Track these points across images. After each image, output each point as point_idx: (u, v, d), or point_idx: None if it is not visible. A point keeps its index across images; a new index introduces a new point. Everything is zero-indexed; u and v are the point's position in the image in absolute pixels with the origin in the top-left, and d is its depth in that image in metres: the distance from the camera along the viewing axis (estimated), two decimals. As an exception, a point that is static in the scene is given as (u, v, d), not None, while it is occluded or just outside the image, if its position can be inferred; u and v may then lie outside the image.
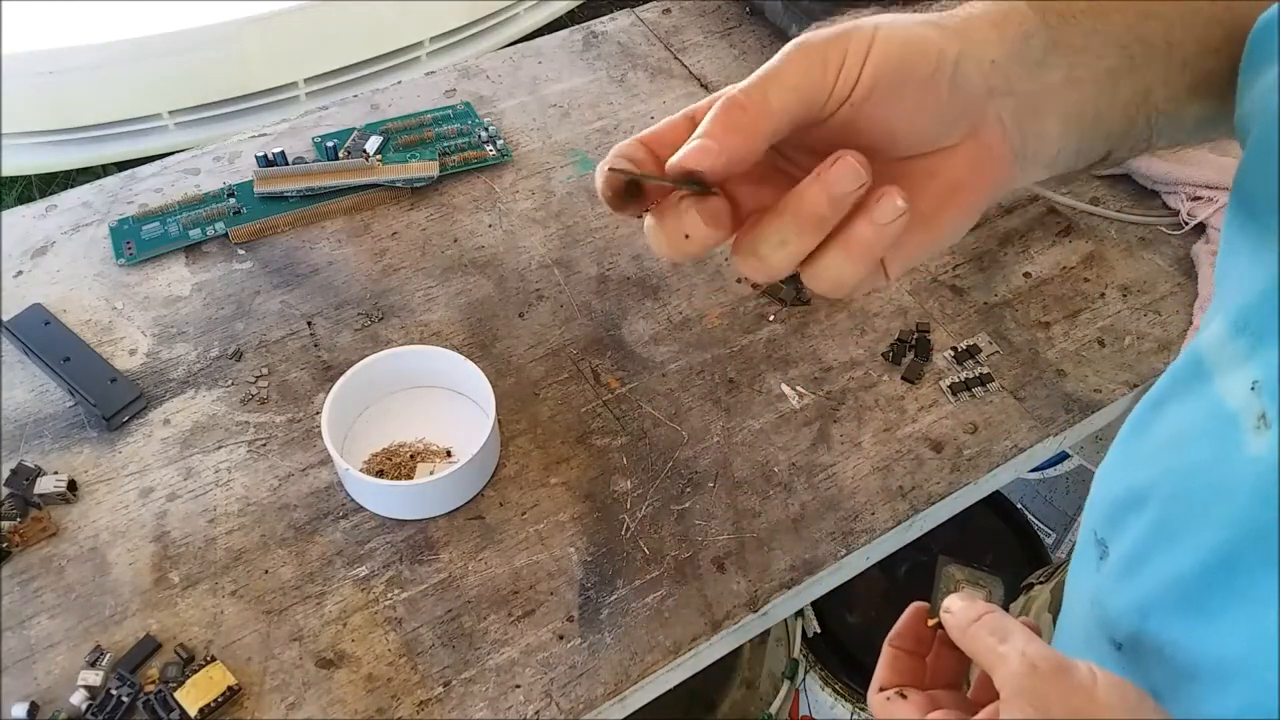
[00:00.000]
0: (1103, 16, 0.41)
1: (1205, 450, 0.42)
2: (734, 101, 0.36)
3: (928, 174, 0.40)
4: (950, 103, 0.39)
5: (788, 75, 0.36)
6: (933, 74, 0.38)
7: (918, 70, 0.37)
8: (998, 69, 0.39)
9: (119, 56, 1.55)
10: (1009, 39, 0.40)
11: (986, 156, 0.40)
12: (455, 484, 0.71)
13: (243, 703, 0.63)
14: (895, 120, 0.38)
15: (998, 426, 0.78)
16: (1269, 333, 0.39)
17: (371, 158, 0.91)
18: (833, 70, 0.36)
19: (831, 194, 0.36)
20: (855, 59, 0.36)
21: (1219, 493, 0.41)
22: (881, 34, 0.37)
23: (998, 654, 0.40)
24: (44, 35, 1.53)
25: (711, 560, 0.71)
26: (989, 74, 0.39)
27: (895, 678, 0.47)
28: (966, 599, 0.44)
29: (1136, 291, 0.87)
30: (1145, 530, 0.45)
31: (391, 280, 0.86)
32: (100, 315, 0.82)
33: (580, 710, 0.64)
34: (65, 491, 0.70)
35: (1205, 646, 0.41)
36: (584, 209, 0.92)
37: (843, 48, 0.36)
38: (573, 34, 1.08)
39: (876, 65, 0.37)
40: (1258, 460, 0.38)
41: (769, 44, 1.08)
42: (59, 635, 0.65)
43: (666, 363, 0.81)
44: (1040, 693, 0.38)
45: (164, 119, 1.63)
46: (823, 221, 0.37)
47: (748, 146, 0.36)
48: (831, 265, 0.37)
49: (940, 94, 0.38)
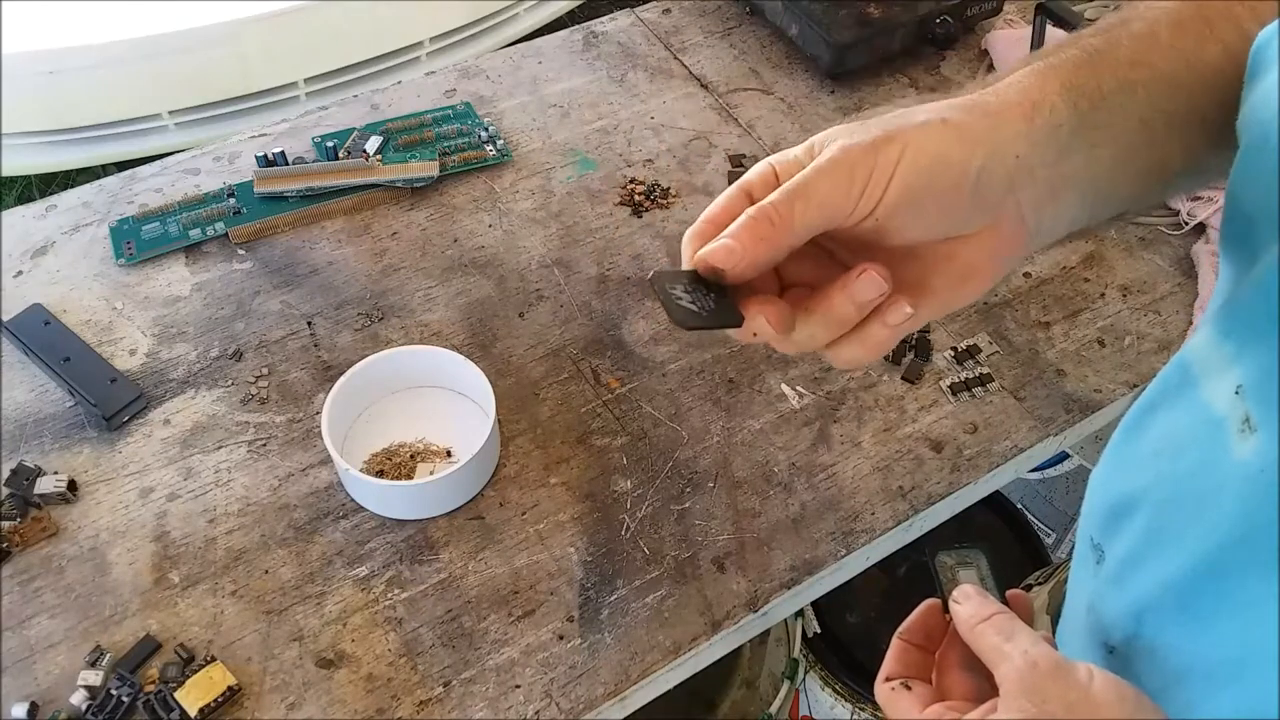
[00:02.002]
0: (1130, 91, 0.43)
1: (1193, 455, 0.43)
2: (764, 214, 0.39)
3: (946, 258, 0.43)
4: (971, 207, 0.41)
5: (815, 193, 0.39)
6: (955, 185, 0.40)
7: (940, 184, 0.40)
8: (1021, 164, 0.41)
9: (119, 56, 1.55)
10: (1037, 131, 0.41)
11: (1003, 241, 0.43)
12: (455, 484, 0.71)
13: (243, 703, 0.63)
14: (919, 226, 0.41)
15: (998, 426, 0.78)
16: (1252, 337, 0.39)
17: (371, 158, 0.91)
18: (858, 190, 0.39)
19: (856, 302, 0.41)
20: (881, 178, 0.39)
21: (1207, 497, 0.41)
22: (910, 151, 0.39)
23: (1001, 651, 0.41)
24: (44, 35, 1.53)
25: (711, 560, 0.71)
26: (1012, 170, 0.41)
27: (902, 670, 0.48)
28: (978, 596, 0.45)
29: (1136, 291, 0.87)
30: (1138, 535, 0.46)
31: (391, 280, 0.86)
32: (100, 315, 0.82)
33: (580, 710, 0.64)
34: (65, 491, 0.70)
35: (1197, 650, 0.41)
36: (584, 209, 0.92)
37: (870, 167, 0.39)
38: (573, 34, 1.08)
39: (900, 185, 0.39)
40: (1243, 464, 0.39)
41: (769, 44, 1.08)
42: (59, 635, 0.65)
43: (666, 363, 0.81)
44: (1039, 689, 0.39)
45: (164, 119, 1.63)
46: (847, 322, 0.42)
47: (769, 256, 0.40)
48: (849, 352, 0.43)
49: (962, 201, 0.41)
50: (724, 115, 1.00)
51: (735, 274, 0.40)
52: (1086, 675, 0.40)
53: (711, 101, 1.02)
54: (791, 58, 1.07)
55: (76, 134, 1.62)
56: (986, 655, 0.43)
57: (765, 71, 1.05)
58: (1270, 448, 0.37)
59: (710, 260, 0.40)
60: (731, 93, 1.03)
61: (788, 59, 1.06)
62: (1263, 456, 0.38)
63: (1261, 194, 0.39)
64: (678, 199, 0.92)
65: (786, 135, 0.99)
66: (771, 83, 1.04)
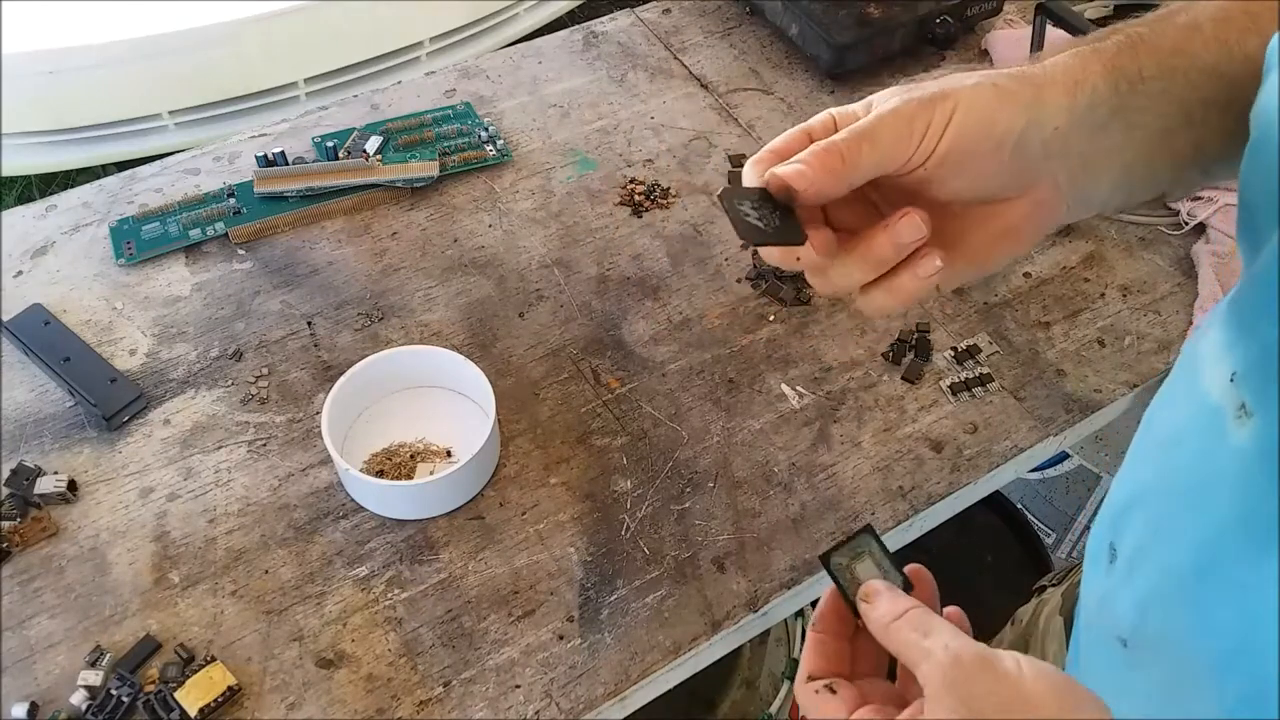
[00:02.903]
0: (1170, 77, 0.45)
1: (1193, 445, 0.43)
2: (835, 149, 0.42)
3: (985, 218, 0.46)
4: (1010, 168, 0.44)
5: (879, 137, 0.42)
6: (997, 146, 0.43)
7: (984, 143, 0.43)
8: (1058, 135, 0.44)
9: (119, 56, 1.55)
10: (1078, 108, 0.44)
11: (1039, 206, 0.46)
12: (455, 484, 0.71)
13: (243, 703, 0.63)
14: (960, 181, 0.44)
15: (998, 426, 0.78)
16: (1248, 325, 0.40)
17: (371, 158, 0.91)
18: (915, 139, 0.42)
19: (896, 243, 0.43)
20: (935, 131, 0.42)
21: (1206, 486, 0.41)
22: (960, 108, 0.42)
23: (921, 649, 0.40)
24: (44, 35, 1.53)
25: (711, 560, 0.71)
26: (1049, 140, 0.44)
27: (823, 665, 0.46)
28: (887, 592, 0.43)
29: (1136, 291, 0.87)
30: (1143, 528, 0.46)
31: (391, 280, 0.86)
32: (100, 315, 0.82)
33: (580, 710, 0.64)
34: (65, 491, 0.70)
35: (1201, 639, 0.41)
36: (584, 209, 0.92)
37: (926, 119, 0.42)
38: (573, 34, 1.08)
39: (950, 140, 0.42)
40: (1240, 450, 0.39)
41: (769, 44, 1.08)
42: (59, 635, 0.65)
43: (666, 363, 0.81)
44: (966, 685, 0.38)
45: (164, 119, 1.63)
46: (884, 263, 0.44)
47: (833, 188, 0.42)
48: (879, 299, 0.45)
49: (1002, 161, 0.43)
50: (724, 115, 1.00)
51: (804, 197, 0.42)
52: (1015, 666, 0.38)
53: (711, 101, 1.02)
54: (791, 58, 1.07)
55: (76, 134, 1.62)
56: (905, 654, 0.41)
57: (765, 71, 1.05)
58: (1265, 433, 0.38)
59: (785, 178, 0.42)
60: (731, 93, 1.03)
61: (788, 59, 1.06)
62: (1258, 442, 0.38)
63: (1263, 187, 0.39)
64: (678, 199, 0.92)
65: (786, 135, 0.99)
66: (771, 83, 1.04)
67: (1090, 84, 0.44)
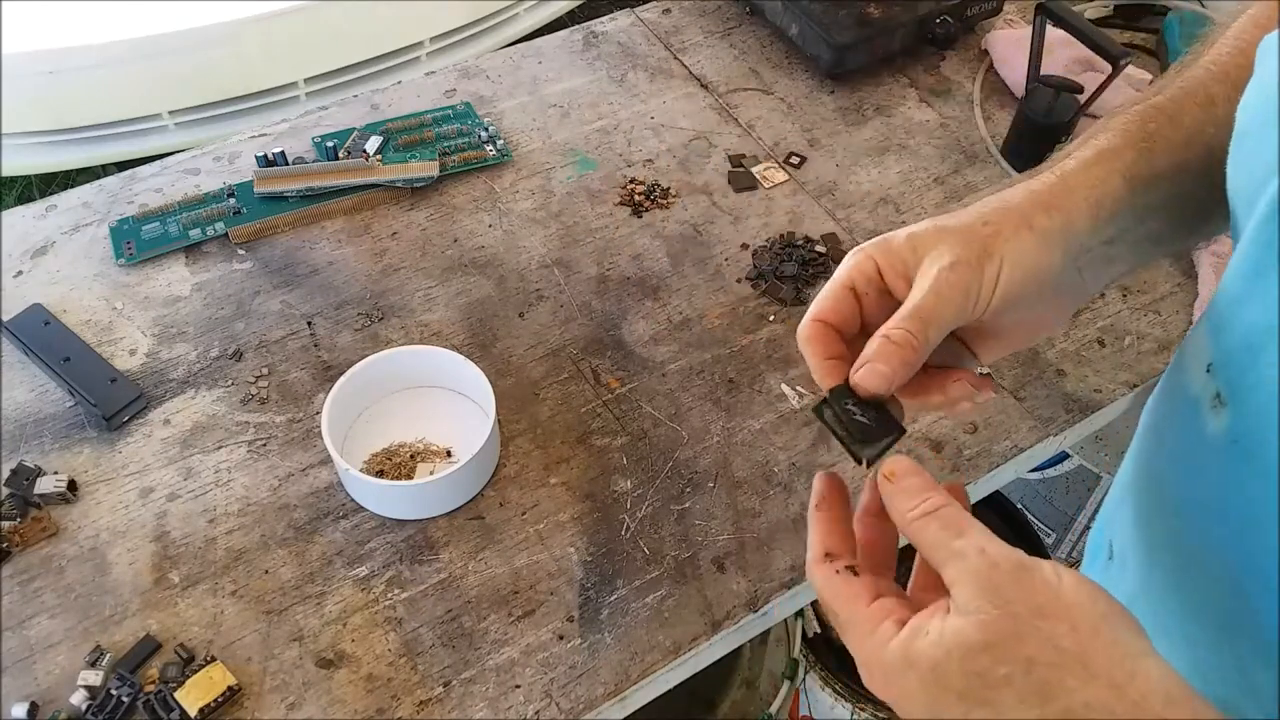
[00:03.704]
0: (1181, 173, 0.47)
1: (1174, 436, 0.44)
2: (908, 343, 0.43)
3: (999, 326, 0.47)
4: (1054, 300, 0.46)
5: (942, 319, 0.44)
6: (1041, 288, 0.45)
7: (1031, 289, 0.44)
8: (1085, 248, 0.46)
9: (119, 56, 1.55)
10: (1100, 224, 0.46)
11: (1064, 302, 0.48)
12: (455, 484, 0.71)
13: (243, 703, 0.63)
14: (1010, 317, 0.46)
15: (998, 426, 0.78)
16: (1224, 316, 0.40)
17: (371, 158, 0.91)
18: (969, 306, 0.44)
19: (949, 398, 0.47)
20: (986, 294, 0.44)
21: (1186, 475, 0.42)
22: (1006, 265, 0.44)
23: (951, 549, 0.37)
24: (44, 35, 1.53)
25: (711, 560, 0.71)
26: (1078, 256, 0.46)
27: (838, 545, 0.42)
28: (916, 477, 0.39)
29: (1136, 291, 0.87)
30: (1131, 522, 0.47)
31: (391, 280, 0.86)
32: (100, 315, 0.82)
33: (580, 710, 0.64)
34: (65, 491, 0.70)
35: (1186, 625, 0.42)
36: (584, 209, 0.92)
37: (978, 285, 0.44)
38: (573, 34, 1.08)
39: (1000, 297, 0.44)
40: (1215, 438, 0.40)
41: (769, 44, 1.08)
42: (59, 635, 0.65)
43: (666, 363, 0.81)
44: (1001, 588, 0.35)
45: (164, 119, 1.63)
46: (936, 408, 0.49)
47: (908, 374, 0.43)
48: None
49: (1047, 296, 0.45)
50: (724, 115, 1.00)
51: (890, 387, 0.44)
52: (1054, 574, 0.36)
53: (711, 101, 1.02)
54: (791, 58, 1.07)
55: (76, 134, 1.62)
56: (932, 553, 0.38)
57: (765, 71, 1.05)
58: (1237, 421, 0.38)
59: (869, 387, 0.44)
60: (731, 93, 1.03)
61: (788, 59, 1.06)
62: (1232, 429, 0.38)
63: (1243, 179, 0.40)
64: (678, 199, 0.92)
65: (786, 135, 0.99)
66: (771, 83, 1.04)
67: (1111, 197, 0.46)
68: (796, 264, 0.86)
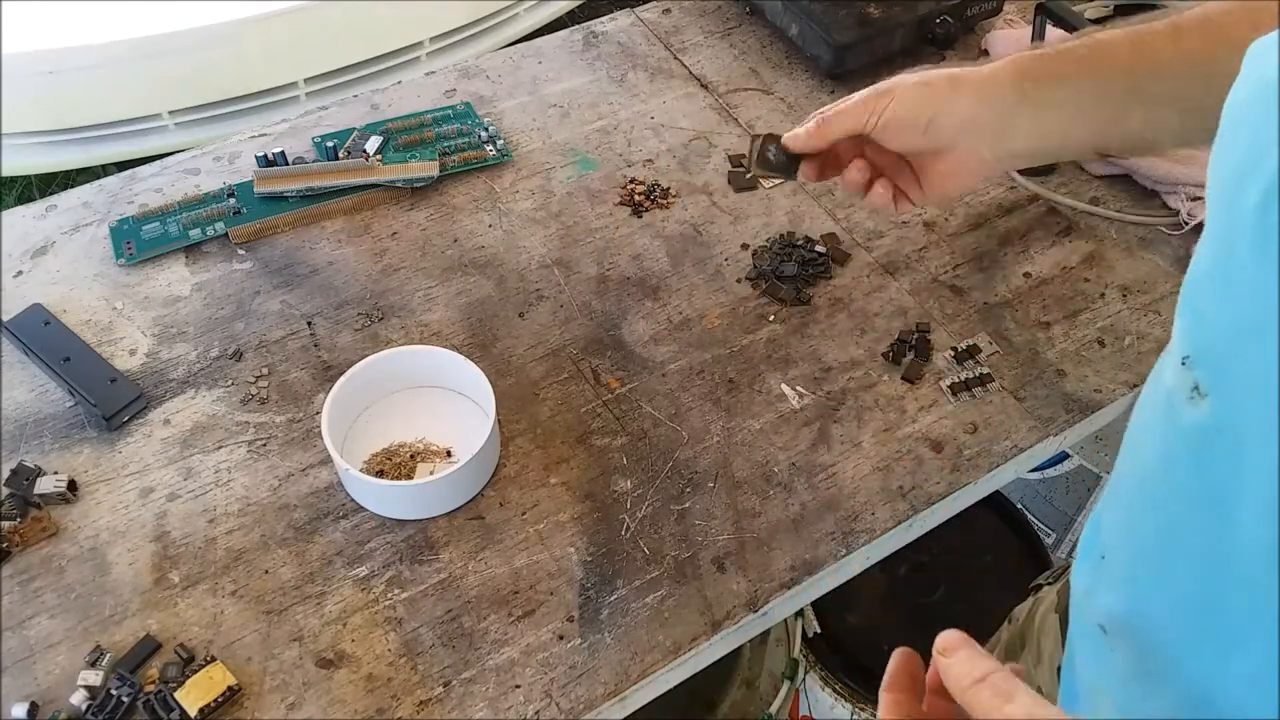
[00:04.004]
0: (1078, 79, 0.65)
1: (1154, 430, 0.45)
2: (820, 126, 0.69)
3: (929, 164, 0.71)
4: (926, 140, 0.68)
5: (849, 115, 0.68)
6: (913, 126, 0.67)
7: (907, 123, 0.67)
8: (967, 119, 0.67)
9: (119, 56, 1.55)
10: (985, 99, 0.66)
11: (966, 160, 0.69)
12: (455, 484, 0.71)
13: (243, 703, 0.63)
14: (897, 143, 0.69)
15: (998, 426, 0.78)
16: (1198, 309, 0.41)
17: (371, 158, 0.91)
18: (868, 116, 0.68)
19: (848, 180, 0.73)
20: (878, 113, 0.67)
21: (1165, 467, 0.43)
22: (894, 101, 0.67)
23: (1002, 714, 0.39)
24: (44, 35, 1.53)
25: (711, 560, 0.71)
26: (960, 123, 0.67)
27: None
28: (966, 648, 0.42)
29: (1136, 291, 0.87)
30: (1116, 518, 0.48)
31: (391, 280, 0.86)
32: (100, 315, 0.82)
33: (580, 710, 0.64)
34: (65, 491, 0.70)
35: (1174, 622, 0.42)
36: (584, 209, 0.92)
37: (875, 105, 0.67)
38: (573, 34, 1.08)
39: (886, 119, 0.67)
40: (1192, 429, 0.40)
41: (769, 44, 1.08)
42: (59, 635, 0.65)
43: (666, 363, 0.81)
44: None
45: (164, 119, 1.64)
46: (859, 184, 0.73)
47: (821, 143, 0.70)
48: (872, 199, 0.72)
49: (919, 135, 0.68)
50: (724, 115, 1.01)
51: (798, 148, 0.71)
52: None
53: (711, 101, 1.02)
54: (791, 58, 1.07)
55: (76, 134, 1.62)
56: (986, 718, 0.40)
57: (765, 71, 1.05)
58: (1219, 412, 0.39)
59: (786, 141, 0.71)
60: (731, 93, 1.03)
61: (788, 59, 1.06)
62: (1210, 420, 0.39)
63: (1219, 174, 0.41)
64: (678, 199, 0.92)
65: (786, 135, 0.99)
66: (771, 83, 1.04)
67: (996, 84, 0.66)
68: (796, 264, 0.86)
